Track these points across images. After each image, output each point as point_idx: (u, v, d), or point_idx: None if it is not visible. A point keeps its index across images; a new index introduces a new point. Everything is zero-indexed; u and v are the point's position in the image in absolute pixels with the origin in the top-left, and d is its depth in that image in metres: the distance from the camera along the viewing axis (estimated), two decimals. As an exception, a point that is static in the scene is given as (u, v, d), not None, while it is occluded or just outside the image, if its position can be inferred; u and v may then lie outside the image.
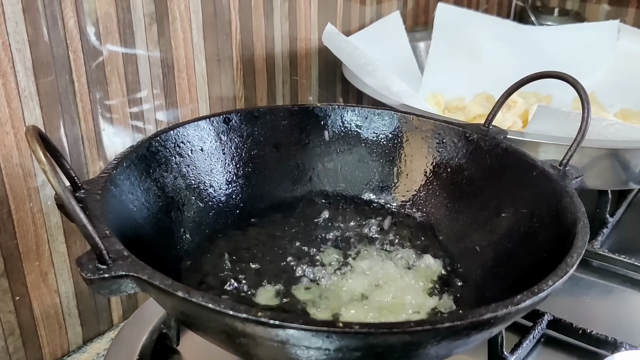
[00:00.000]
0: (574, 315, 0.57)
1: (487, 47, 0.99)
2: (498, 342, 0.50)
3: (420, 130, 0.60)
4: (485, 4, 1.22)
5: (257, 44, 0.75)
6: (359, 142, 0.62)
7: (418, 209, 0.60)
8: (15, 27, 0.50)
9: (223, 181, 0.57)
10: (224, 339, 0.38)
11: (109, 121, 0.60)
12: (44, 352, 0.60)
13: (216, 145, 0.57)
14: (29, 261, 0.56)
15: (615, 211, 0.77)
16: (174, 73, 0.65)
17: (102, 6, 0.56)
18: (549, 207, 0.48)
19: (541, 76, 0.56)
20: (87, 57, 0.56)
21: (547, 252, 0.45)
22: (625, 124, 0.65)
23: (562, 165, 0.51)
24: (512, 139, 0.59)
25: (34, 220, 0.56)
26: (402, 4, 1.00)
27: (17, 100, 0.52)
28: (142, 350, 0.52)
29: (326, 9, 0.84)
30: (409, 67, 0.97)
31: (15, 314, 0.57)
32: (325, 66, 0.86)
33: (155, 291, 0.35)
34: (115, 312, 0.66)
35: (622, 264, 0.67)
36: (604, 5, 1.23)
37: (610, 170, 0.65)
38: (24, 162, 0.54)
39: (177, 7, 0.63)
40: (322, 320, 0.32)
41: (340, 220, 0.59)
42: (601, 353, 0.54)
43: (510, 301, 0.35)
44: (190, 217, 0.53)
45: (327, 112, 0.61)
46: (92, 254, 0.35)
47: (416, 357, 0.37)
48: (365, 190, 0.62)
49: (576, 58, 0.97)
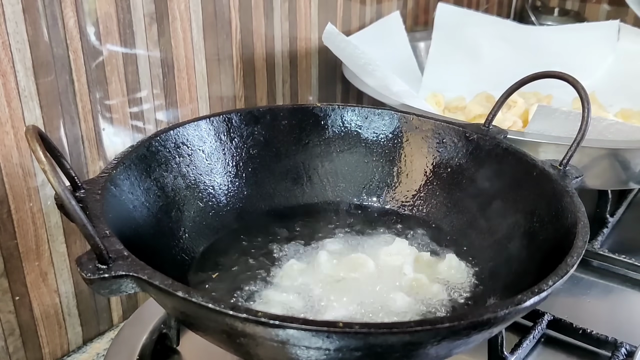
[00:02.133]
0: (574, 315, 0.57)
1: (487, 47, 0.99)
2: (498, 342, 0.49)
3: (420, 130, 0.60)
4: (485, 4, 1.22)
5: (257, 43, 0.75)
6: (359, 142, 0.62)
7: (418, 209, 0.60)
8: (15, 27, 0.50)
9: (223, 181, 0.57)
10: (224, 339, 0.38)
11: (109, 121, 0.60)
12: (44, 352, 0.60)
13: (216, 145, 0.57)
14: (29, 261, 0.56)
15: (615, 211, 0.77)
16: (174, 73, 0.65)
17: (102, 6, 0.56)
18: (549, 207, 0.48)
19: (541, 76, 0.56)
20: (87, 57, 0.56)
21: (547, 252, 0.45)
22: (625, 124, 0.65)
23: (562, 165, 0.51)
24: (512, 139, 0.59)
25: (33, 220, 0.56)
26: (402, 4, 1.00)
27: (17, 100, 0.52)
28: (142, 350, 0.52)
29: (326, 9, 0.84)
30: (409, 67, 0.97)
31: (15, 314, 0.57)
32: (325, 66, 0.86)
33: (155, 291, 0.35)
34: (115, 312, 0.66)
35: (622, 264, 0.67)
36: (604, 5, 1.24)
37: (610, 170, 0.65)
38: (24, 161, 0.54)
39: (177, 7, 0.63)
40: (322, 321, 0.32)
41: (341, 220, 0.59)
42: (601, 353, 0.54)
43: (510, 301, 0.35)
44: (190, 217, 0.53)
45: (327, 112, 0.61)
46: (92, 253, 0.35)
47: (416, 357, 0.37)
48: (365, 190, 0.62)
49: (576, 58, 0.97)
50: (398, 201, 0.61)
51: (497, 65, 0.96)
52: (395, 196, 0.61)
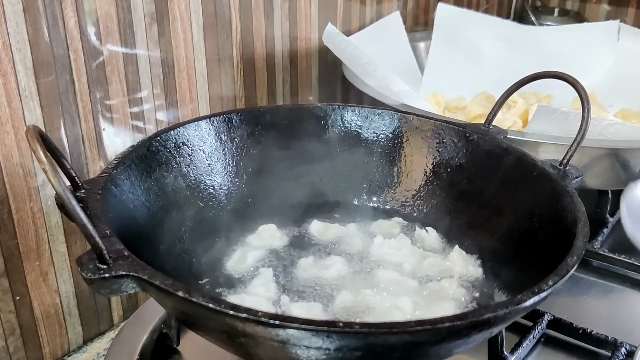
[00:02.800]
0: (574, 315, 0.57)
1: (487, 47, 0.99)
2: (498, 342, 0.50)
3: (421, 130, 0.60)
4: (485, 4, 1.22)
5: (258, 43, 0.75)
6: (359, 142, 0.62)
7: (418, 208, 0.60)
8: (16, 27, 0.50)
9: (223, 181, 0.57)
10: (225, 339, 0.38)
11: (110, 121, 0.60)
12: (44, 352, 0.60)
13: (216, 145, 0.57)
14: (29, 261, 0.56)
15: (615, 211, 0.76)
16: (174, 73, 0.65)
17: (102, 6, 0.56)
18: (549, 207, 0.48)
19: (541, 76, 0.56)
20: (87, 57, 0.56)
21: (547, 252, 0.45)
22: (625, 124, 0.65)
23: (562, 165, 0.51)
24: (512, 139, 0.59)
25: (34, 220, 0.56)
26: (402, 4, 1.00)
27: (17, 100, 0.52)
28: (143, 350, 0.52)
29: (326, 9, 0.84)
30: (409, 67, 0.97)
31: (16, 314, 0.57)
32: (325, 66, 0.86)
33: (155, 291, 0.35)
34: (116, 312, 0.66)
35: (622, 264, 0.67)
36: (604, 5, 1.24)
37: (610, 170, 0.65)
38: (24, 161, 0.54)
39: (177, 7, 0.63)
40: (323, 320, 0.32)
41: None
42: (601, 353, 0.54)
43: (510, 301, 0.35)
44: (191, 217, 0.53)
45: (327, 112, 0.61)
46: (92, 253, 0.35)
47: (416, 357, 0.37)
48: (365, 190, 0.62)
49: (576, 58, 0.97)
50: (398, 201, 0.61)
51: (497, 66, 0.96)
52: (395, 196, 0.61)
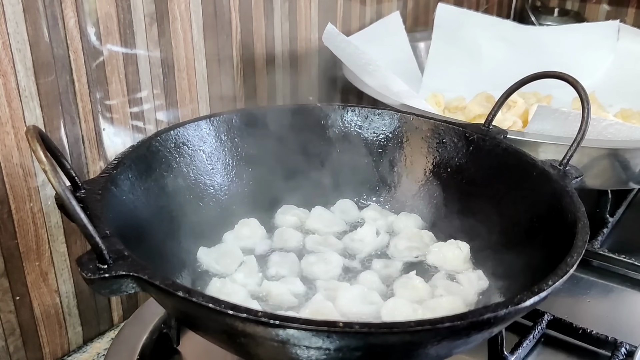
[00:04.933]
0: (574, 315, 0.57)
1: (487, 47, 0.99)
2: (498, 342, 0.49)
3: (420, 130, 0.60)
4: (485, 4, 1.22)
5: (258, 43, 0.75)
6: (359, 142, 0.62)
7: (418, 208, 0.60)
8: (16, 27, 0.50)
9: (223, 181, 0.57)
10: (225, 339, 0.38)
11: (110, 121, 0.60)
12: (45, 352, 0.60)
13: (216, 145, 0.57)
14: (29, 261, 0.56)
15: (615, 211, 0.77)
16: (174, 73, 0.65)
17: (102, 6, 0.56)
18: (549, 207, 0.48)
19: (541, 76, 0.56)
20: (87, 57, 0.56)
21: (547, 252, 0.45)
22: (625, 124, 0.65)
23: (562, 165, 0.51)
24: (512, 139, 0.59)
25: (34, 220, 0.56)
26: (402, 4, 1.00)
27: (17, 100, 0.52)
28: (143, 350, 0.52)
29: (326, 9, 0.84)
30: (409, 67, 0.97)
31: (16, 314, 0.57)
32: (325, 66, 0.86)
33: (155, 291, 0.35)
34: (116, 312, 0.66)
35: (622, 264, 0.67)
36: (604, 5, 1.24)
37: (610, 170, 0.65)
38: (24, 162, 0.54)
39: (177, 7, 0.63)
40: (323, 320, 0.32)
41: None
42: (601, 353, 0.54)
43: (510, 301, 0.35)
44: (191, 217, 0.53)
45: (327, 112, 0.61)
46: (92, 253, 0.35)
47: (416, 357, 0.37)
48: (365, 189, 0.62)
49: (576, 58, 0.97)
50: (398, 201, 0.61)
51: (497, 65, 0.96)
52: (395, 196, 0.61)
